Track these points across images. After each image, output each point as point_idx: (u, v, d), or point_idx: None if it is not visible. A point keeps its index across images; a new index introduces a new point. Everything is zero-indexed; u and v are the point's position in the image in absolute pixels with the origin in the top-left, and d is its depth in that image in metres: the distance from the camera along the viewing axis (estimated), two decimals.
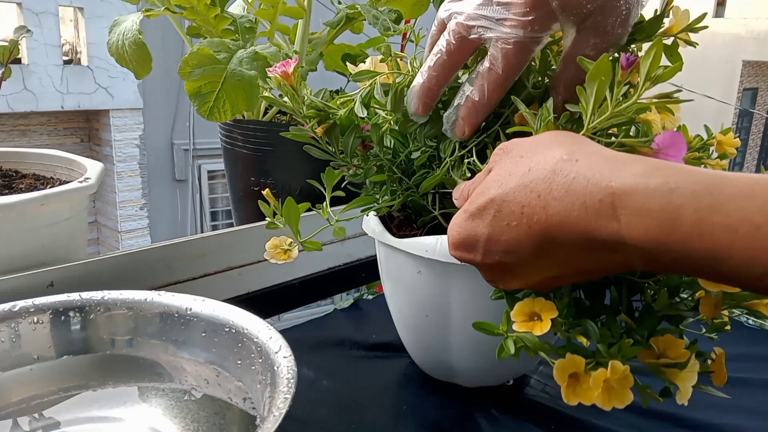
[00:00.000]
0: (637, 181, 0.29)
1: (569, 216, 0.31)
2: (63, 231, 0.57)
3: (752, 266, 0.26)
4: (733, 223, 0.27)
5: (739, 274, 0.27)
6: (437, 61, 0.44)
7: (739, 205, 0.27)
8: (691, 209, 0.27)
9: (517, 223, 0.34)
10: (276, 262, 0.49)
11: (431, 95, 0.45)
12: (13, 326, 0.46)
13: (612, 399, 0.33)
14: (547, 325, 0.36)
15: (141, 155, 5.52)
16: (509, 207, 0.34)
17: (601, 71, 0.36)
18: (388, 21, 0.77)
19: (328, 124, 0.50)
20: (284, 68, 0.47)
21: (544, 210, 0.32)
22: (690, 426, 0.53)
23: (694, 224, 0.27)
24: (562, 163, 0.33)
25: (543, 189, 0.33)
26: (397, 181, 0.51)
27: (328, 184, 0.52)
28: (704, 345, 0.42)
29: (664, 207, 0.28)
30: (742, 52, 10.87)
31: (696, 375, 0.34)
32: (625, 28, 0.41)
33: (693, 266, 0.29)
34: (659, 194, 0.28)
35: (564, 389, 0.34)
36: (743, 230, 0.26)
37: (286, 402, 0.36)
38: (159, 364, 0.48)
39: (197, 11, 0.76)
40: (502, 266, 0.36)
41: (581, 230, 0.31)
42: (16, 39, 0.67)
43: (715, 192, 0.27)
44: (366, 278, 0.80)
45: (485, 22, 0.40)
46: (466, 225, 0.37)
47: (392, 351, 0.63)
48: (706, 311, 0.39)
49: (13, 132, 5.14)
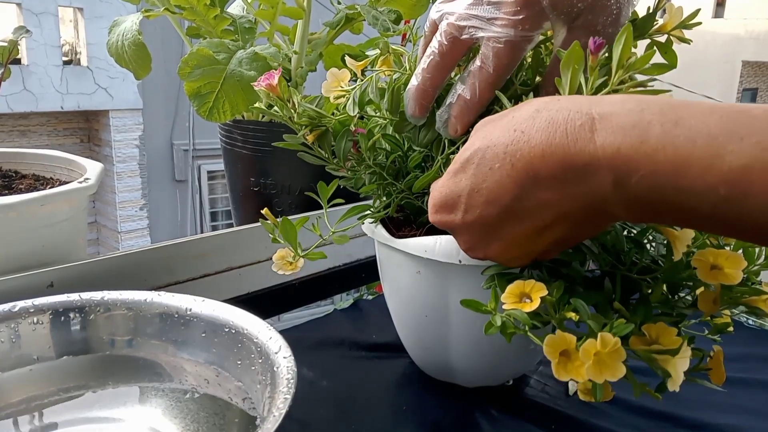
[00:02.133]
0: (614, 105, 0.31)
1: (551, 144, 0.32)
2: (63, 231, 0.57)
3: (707, 176, 0.28)
4: (692, 135, 0.28)
5: (697, 190, 0.28)
6: (430, 62, 0.44)
7: (699, 120, 0.28)
8: (658, 124, 0.29)
9: (500, 165, 0.34)
10: (284, 273, 0.50)
11: (427, 97, 0.45)
12: (12, 327, 0.46)
13: (603, 372, 0.33)
14: (537, 303, 0.36)
15: (141, 156, 5.52)
16: (493, 151, 0.35)
17: (573, 59, 0.36)
18: (387, 21, 0.77)
19: (319, 131, 0.50)
20: (268, 81, 0.47)
21: (528, 143, 0.33)
22: (690, 426, 0.53)
23: (659, 137, 0.29)
24: (545, 103, 0.34)
25: (527, 126, 0.34)
26: (390, 185, 0.51)
27: (324, 196, 0.52)
28: (704, 344, 0.42)
29: (636, 124, 0.30)
30: (742, 53, 10.87)
31: (688, 360, 0.34)
32: (616, 28, 0.41)
33: (658, 192, 0.30)
34: (633, 113, 0.30)
35: (554, 365, 0.34)
36: (701, 141, 0.28)
37: (286, 402, 0.36)
38: (159, 365, 0.48)
39: (197, 12, 0.76)
40: (483, 222, 0.37)
41: (560, 158, 0.32)
42: (16, 39, 0.67)
43: (680, 110, 0.29)
44: (366, 278, 0.80)
45: (476, 21, 0.41)
46: (448, 183, 0.38)
47: (392, 351, 0.63)
48: (705, 307, 0.39)
49: (12, 132, 5.15)
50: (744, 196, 0.27)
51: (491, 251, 0.39)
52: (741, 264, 0.37)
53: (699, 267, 0.37)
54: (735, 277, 0.36)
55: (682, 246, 0.37)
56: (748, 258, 0.40)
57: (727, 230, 0.31)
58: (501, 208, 0.35)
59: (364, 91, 0.49)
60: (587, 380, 0.33)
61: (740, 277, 0.36)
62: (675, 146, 0.29)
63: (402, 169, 0.51)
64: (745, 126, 0.28)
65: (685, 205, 0.29)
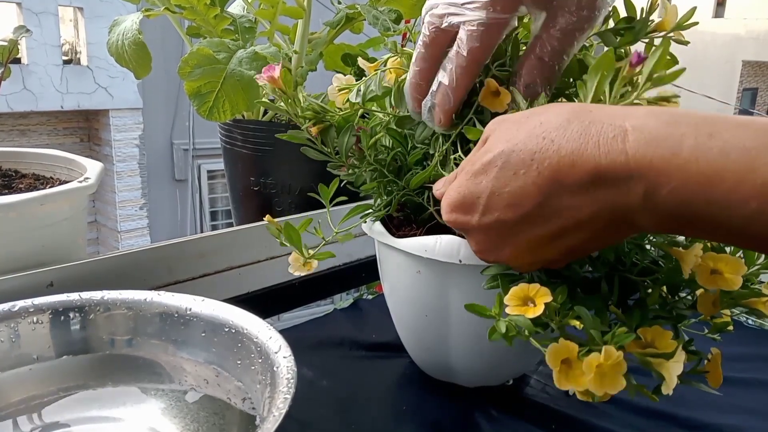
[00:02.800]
0: (648, 118, 0.31)
1: (582, 155, 0.32)
2: (62, 231, 0.57)
3: (740, 189, 0.28)
4: (726, 148, 0.28)
5: (729, 203, 0.28)
6: (417, 55, 0.45)
7: (733, 133, 0.28)
8: (692, 137, 0.29)
9: (526, 171, 0.34)
10: (300, 273, 0.50)
11: (420, 90, 0.46)
12: (12, 326, 0.46)
13: (604, 385, 0.33)
14: (540, 309, 0.36)
15: (141, 155, 5.52)
16: (518, 156, 0.34)
17: (604, 65, 0.36)
18: (388, 21, 0.77)
19: (323, 125, 0.50)
20: (270, 73, 0.47)
21: (557, 153, 0.33)
22: (690, 426, 0.53)
23: (692, 149, 0.29)
24: (577, 113, 0.33)
25: (557, 135, 0.33)
26: (391, 182, 0.51)
27: (325, 198, 0.52)
28: (704, 345, 0.42)
29: (669, 136, 0.30)
30: (742, 53, 10.86)
31: (682, 365, 0.34)
32: (592, 10, 0.41)
33: (688, 205, 0.29)
34: (666, 126, 0.30)
35: (556, 374, 0.34)
36: (735, 154, 0.28)
37: (286, 402, 0.36)
38: (159, 364, 0.48)
39: (197, 11, 0.76)
40: (500, 226, 0.36)
41: (591, 168, 0.32)
42: (16, 39, 0.67)
43: (714, 124, 0.29)
44: (366, 278, 0.80)
45: (454, 9, 0.41)
46: (467, 183, 0.37)
47: (392, 351, 0.63)
48: (705, 309, 0.39)
49: (12, 132, 5.14)
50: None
51: (503, 255, 0.38)
52: (741, 269, 0.36)
53: (699, 272, 0.37)
54: (735, 282, 0.36)
55: (688, 266, 0.37)
56: (748, 261, 0.40)
57: (757, 244, 0.31)
58: (521, 214, 0.35)
59: (369, 86, 0.50)
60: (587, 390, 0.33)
61: (740, 282, 0.36)
62: (708, 159, 0.28)
63: (404, 166, 0.51)
64: None
65: (716, 219, 0.29)
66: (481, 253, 0.40)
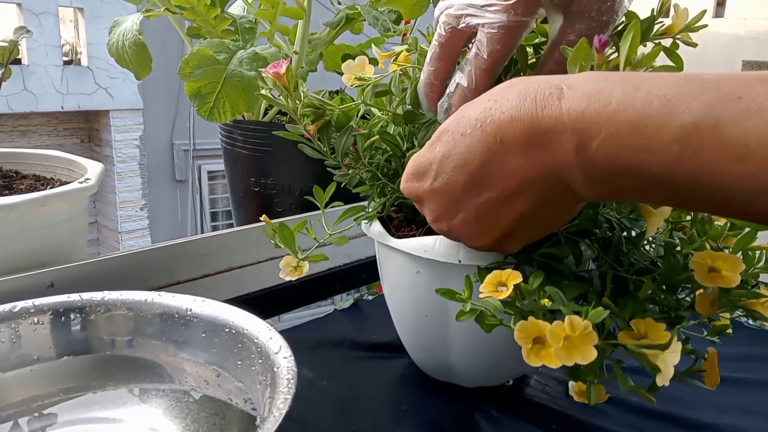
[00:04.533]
0: (584, 77, 0.33)
1: (520, 110, 0.33)
2: (63, 231, 0.57)
3: (662, 134, 0.29)
4: (649, 97, 0.30)
5: (652, 148, 0.29)
6: (432, 55, 0.45)
7: (657, 84, 0.30)
8: (620, 89, 0.31)
9: (472, 131, 0.35)
10: (291, 279, 0.50)
11: (434, 89, 0.46)
12: (13, 327, 0.46)
13: (573, 355, 0.33)
14: (510, 291, 0.36)
15: (141, 156, 5.52)
16: (466, 119, 0.36)
17: (581, 56, 0.36)
18: (388, 21, 0.77)
19: (322, 122, 0.50)
20: (276, 69, 0.48)
21: (499, 110, 0.34)
22: (690, 426, 0.53)
23: (620, 100, 0.30)
24: (520, 79, 0.35)
25: (500, 96, 0.35)
26: (385, 185, 0.51)
27: (320, 199, 0.52)
28: (703, 346, 0.42)
29: (601, 90, 0.31)
30: (742, 52, 10.86)
31: (678, 355, 0.34)
32: (610, 15, 0.41)
33: (616, 157, 0.31)
34: (598, 82, 0.32)
35: (525, 350, 0.34)
36: (657, 102, 0.29)
37: (286, 402, 0.36)
38: (159, 365, 0.48)
39: (197, 12, 0.76)
40: (449, 189, 0.38)
41: (527, 122, 0.33)
42: (16, 39, 0.67)
43: (642, 78, 0.31)
44: (366, 279, 0.80)
45: (472, 10, 0.41)
46: (423, 152, 0.39)
47: (392, 351, 0.63)
48: (703, 309, 0.39)
49: (13, 132, 5.14)
50: (693, 153, 0.28)
51: (455, 223, 0.39)
52: (739, 267, 0.37)
53: (697, 269, 0.37)
54: (733, 280, 0.36)
55: (658, 221, 0.37)
56: (747, 261, 0.40)
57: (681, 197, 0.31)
58: (468, 174, 0.36)
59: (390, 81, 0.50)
60: (560, 364, 0.33)
61: (738, 280, 0.36)
62: (634, 108, 0.30)
63: (399, 169, 0.51)
64: (698, 88, 0.29)
65: (641, 169, 0.30)
66: (434, 222, 0.41)
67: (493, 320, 0.38)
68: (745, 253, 0.40)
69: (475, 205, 0.37)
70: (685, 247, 0.42)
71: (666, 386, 0.34)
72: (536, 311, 0.36)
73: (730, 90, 0.28)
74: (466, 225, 0.39)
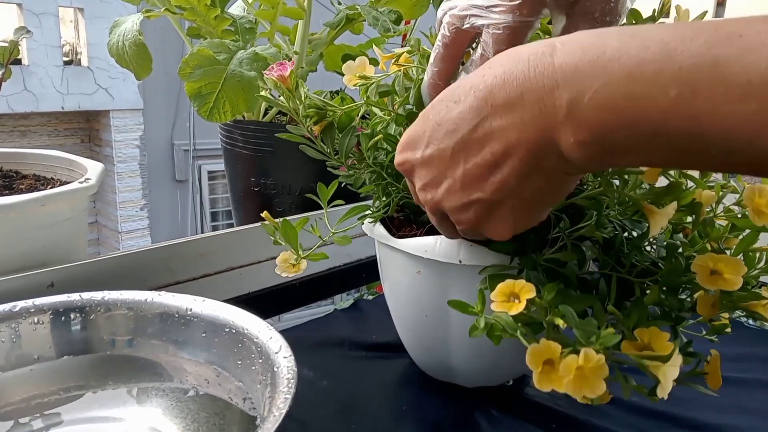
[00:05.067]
0: (579, 34, 0.32)
1: (512, 72, 0.33)
2: (63, 231, 0.57)
3: (660, 78, 0.28)
4: (645, 42, 0.29)
5: (650, 94, 0.28)
6: (436, 56, 0.45)
7: (653, 31, 0.29)
8: (615, 38, 0.30)
9: (464, 97, 0.35)
10: (287, 275, 0.50)
11: (438, 90, 0.46)
12: (13, 326, 0.46)
13: (583, 388, 0.32)
14: (523, 305, 0.35)
15: (141, 156, 5.52)
16: (461, 88, 0.36)
17: None
18: (388, 22, 0.77)
19: (325, 123, 0.50)
20: (281, 72, 0.47)
21: (491, 73, 0.34)
22: (690, 426, 0.53)
23: (615, 50, 0.30)
24: (516, 47, 0.35)
25: (494, 63, 0.35)
26: (390, 184, 0.51)
27: (323, 197, 0.52)
28: (703, 345, 0.42)
29: (595, 42, 0.31)
30: None
31: (678, 369, 0.33)
32: (614, 16, 0.41)
33: (609, 110, 0.30)
34: (592, 36, 0.31)
35: (536, 375, 0.33)
36: (654, 47, 0.28)
37: (286, 402, 0.36)
38: (159, 364, 0.48)
39: (197, 12, 0.76)
40: (439, 156, 0.37)
41: (519, 83, 0.32)
42: (16, 40, 0.67)
43: (637, 27, 0.30)
44: (366, 278, 0.80)
45: (476, 10, 0.41)
46: (417, 123, 0.39)
47: (392, 351, 0.63)
48: (704, 311, 0.39)
49: (13, 133, 5.14)
50: (692, 95, 0.27)
51: (440, 192, 0.38)
52: (741, 269, 0.36)
53: (698, 272, 0.37)
54: (735, 282, 0.36)
55: (662, 221, 0.36)
56: (748, 262, 0.40)
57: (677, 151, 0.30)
58: (457, 139, 0.36)
59: (393, 81, 0.50)
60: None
61: (740, 282, 0.36)
62: (629, 55, 0.29)
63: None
64: (696, 31, 0.28)
65: (637, 120, 0.29)
66: (422, 191, 0.40)
67: (504, 334, 0.37)
68: (746, 255, 0.40)
69: (461, 173, 0.36)
70: (686, 250, 0.41)
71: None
72: (547, 327, 0.36)
73: (730, 30, 0.27)
74: (452, 195, 0.38)
